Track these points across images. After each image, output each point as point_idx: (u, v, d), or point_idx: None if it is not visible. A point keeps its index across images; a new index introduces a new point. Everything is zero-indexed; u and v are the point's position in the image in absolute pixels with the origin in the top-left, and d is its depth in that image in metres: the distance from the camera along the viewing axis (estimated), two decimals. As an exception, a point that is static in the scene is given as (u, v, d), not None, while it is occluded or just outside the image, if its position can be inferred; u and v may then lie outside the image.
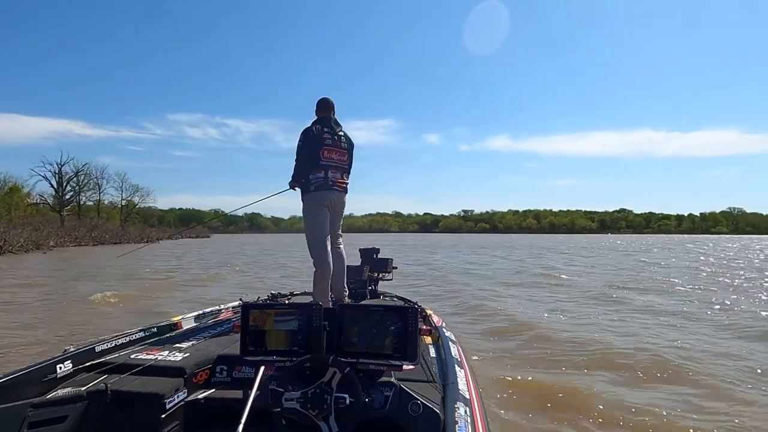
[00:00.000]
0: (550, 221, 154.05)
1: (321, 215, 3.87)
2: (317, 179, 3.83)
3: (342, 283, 4.02)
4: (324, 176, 3.83)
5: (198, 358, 2.42)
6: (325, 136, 3.85)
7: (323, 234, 3.88)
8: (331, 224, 3.98)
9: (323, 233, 3.88)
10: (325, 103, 4.00)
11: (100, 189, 57.20)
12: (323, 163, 3.83)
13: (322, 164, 3.83)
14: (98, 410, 2.01)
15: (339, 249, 4.06)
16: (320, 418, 1.82)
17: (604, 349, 5.21)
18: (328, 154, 3.85)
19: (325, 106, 4.00)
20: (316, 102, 4.04)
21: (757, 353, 5.17)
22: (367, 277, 4.80)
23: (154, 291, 10.55)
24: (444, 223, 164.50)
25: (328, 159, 3.85)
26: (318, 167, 3.83)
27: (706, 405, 3.71)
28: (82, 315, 7.53)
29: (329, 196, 3.88)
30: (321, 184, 3.83)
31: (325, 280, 3.82)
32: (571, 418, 3.48)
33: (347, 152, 4.01)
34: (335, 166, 3.90)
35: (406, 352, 1.99)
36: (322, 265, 3.82)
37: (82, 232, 38.27)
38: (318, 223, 3.87)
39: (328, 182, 3.84)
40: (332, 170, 3.87)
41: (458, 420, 1.66)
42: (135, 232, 48.22)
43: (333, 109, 4.02)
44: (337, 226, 4.08)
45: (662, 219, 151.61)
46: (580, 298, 9.57)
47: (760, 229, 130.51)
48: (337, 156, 3.92)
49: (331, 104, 4.02)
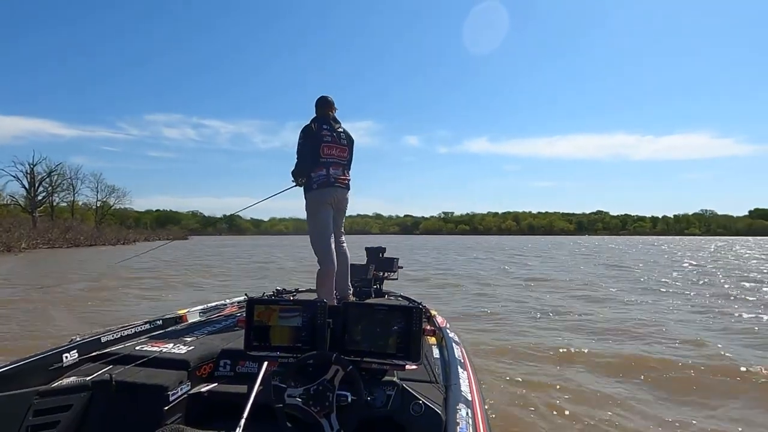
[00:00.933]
0: (529, 223, 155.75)
1: (325, 213, 3.85)
2: (319, 177, 3.83)
3: (346, 281, 4.00)
4: (326, 173, 3.82)
5: (202, 352, 2.44)
6: (323, 133, 3.85)
7: (327, 232, 3.86)
8: (334, 222, 3.95)
9: (327, 231, 3.86)
10: (324, 101, 4.01)
11: (74, 190, 56.07)
12: (323, 161, 3.83)
13: (323, 161, 3.83)
14: (102, 400, 2.04)
15: (343, 247, 4.05)
16: (322, 415, 1.82)
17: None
18: (328, 150, 3.85)
19: (323, 104, 4.00)
20: (316, 100, 4.04)
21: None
22: (372, 276, 4.79)
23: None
24: (424, 225, 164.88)
25: (328, 155, 3.84)
26: (319, 165, 3.83)
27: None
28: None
29: (332, 194, 3.87)
30: (323, 182, 3.82)
31: (330, 279, 3.80)
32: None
33: (347, 148, 3.99)
34: (336, 162, 3.89)
35: (409, 352, 2.00)
36: (327, 264, 3.80)
37: (56, 234, 37.26)
38: (322, 221, 3.85)
39: (330, 179, 3.83)
40: (333, 167, 3.86)
41: (459, 422, 1.66)
42: (111, 233, 47.05)
43: (332, 106, 4.02)
44: (340, 224, 4.06)
45: (638, 221, 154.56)
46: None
47: (731, 230, 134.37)
48: (338, 152, 3.90)
49: (330, 102, 4.02)
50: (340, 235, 4.06)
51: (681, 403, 3.79)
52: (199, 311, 3.55)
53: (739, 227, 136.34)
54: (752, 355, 5.05)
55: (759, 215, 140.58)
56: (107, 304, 8.62)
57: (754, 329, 6.41)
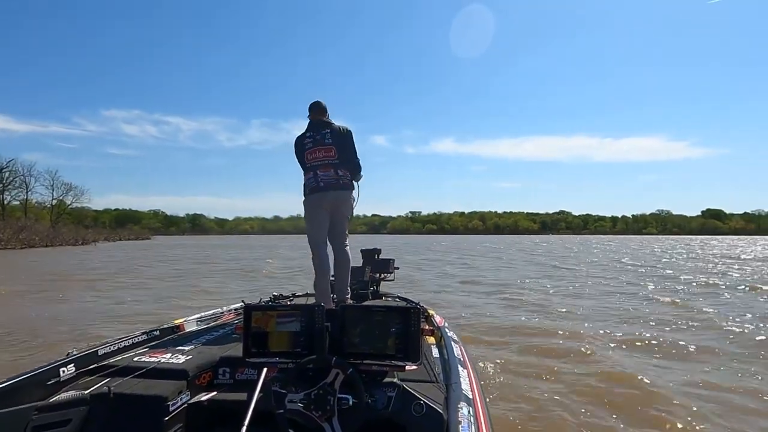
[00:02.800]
0: (495, 222, 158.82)
1: (317, 218, 3.87)
2: (308, 181, 3.92)
3: (345, 284, 3.95)
4: (314, 176, 3.85)
5: (200, 361, 2.42)
6: (305, 141, 3.91)
7: (319, 237, 3.88)
8: (334, 225, 3.93)
9: (319, 236, 3.88)
10: (311, 106, 4.02)
11: (27, 187, 53.77)
12: (308, 165, 3.91)
13: (308, 166, 3.92)
14: (101, 413, 2.02)
15: (344, 250, 3.99)
16: (323, 420, 1.81)
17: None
18: (310, 156, 3.89)
19: (310, 109, 4.02)
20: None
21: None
22: (369, 277, 4.77)
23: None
24: (392, 224, 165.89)
25: (312, 160, 3.88)
26: (306, 170, 3.93)
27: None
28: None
29: (325, 198, 3.84)
30: (313, 187, 3.86)
31: (325, 282, 3.81)
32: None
33: (334, 146, 3.88)
34: (323, 164, 3.85)
35: (408, 353, 2.00)
36: (321, 266, 3.82)
37: (8, 234, 35.39)
38: (314, 226, 3.88)
39: (319, 183, 3.83)
40: (321, 169, 3.84)
41: (461, 420, 1.65)
42: (68, 233, 45.08)
43: (318, 110, 3.99)
44: (342, 227, 3.97)
45: (598, 220, 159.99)
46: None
47: (686, 229, 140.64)
48: (323, 153, 3.86)
49: (318, 107, 3.99)
50: (342, 239, 3.98)
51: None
52: (196, 320, 3.50)
53: (692, 227, 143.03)
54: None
55: (711, 215, 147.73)
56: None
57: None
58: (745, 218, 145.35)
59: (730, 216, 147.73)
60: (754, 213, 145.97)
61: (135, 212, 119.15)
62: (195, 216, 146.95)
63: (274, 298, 4.20)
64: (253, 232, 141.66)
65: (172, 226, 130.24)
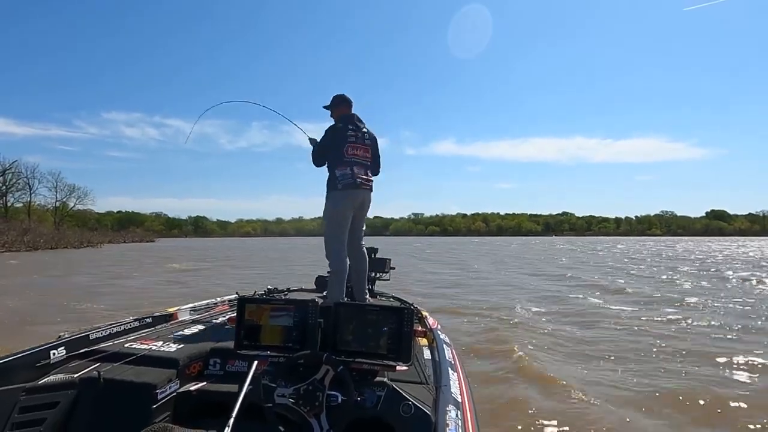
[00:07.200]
0: (498, 224, 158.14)
1: (343, 213, 3.74)
2: (344, 176, 3.70)
3: (364, 285, 3.89)
4: (351, 173, 3.71)
5: (192, 350, 2.43)
6: (348, 134, 3.76)
7: (344, 236, 3.76)
8: (355, 224, 3.85)
9: (344, 235, 3.76)
10: (342, 99, 3.93)
11: (30, 189, 54.05)
12: (347, 160, 3.73)
13: (347, 161, 3.72)
14: (90, 397, 2.03)
15: (362, 249, 3.94)
16: (311, 415, 1.82)
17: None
18: (352, 150, 3.76)
19: (342, 103, 3.92)
20: (332, 98, 3.95)
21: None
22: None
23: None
24: (394, 226, 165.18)
25: (352, 155, 3.75)
26: (343, 164, 3.72)
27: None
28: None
29: (357, 196, 3.77)
30: (349, 183, 3.70)
31: (342, 284, 3.68)
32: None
33: (370, 148, 3.89)
34: (360, 162, 3.79)
35: (400, 353, 2.02)
36: (338, 265, 3.69)
37: (13, 236, 35.60)
38: (339, 222, 3.74)
39: (356, 180, 3.72)
40: (357, 167, 3.76)
41: (449, 423, 1.66)
42: (73, 236, 45.35)
43: (352, 105, 3.94)
44: (361, 227, 3.95)
45: (602, 222, 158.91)
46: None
47: (690, 230, 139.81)
48: (362, 152, 3.82)
49: (349, 101, 3.94)
50: (360, 238, 3.95)
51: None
52: (189, 309, 3.51)
53: (697, 228, 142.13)
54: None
55: (715, 216, 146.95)
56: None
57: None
58: (750, 219, 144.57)
59: (735, 217, 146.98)
60: (758, 214, 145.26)
61: (137, 214, 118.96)
62: (197, 218, 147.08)
63: (268, 291, 4.18)
64: (255, 234, 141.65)
65: (174, 228, 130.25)
